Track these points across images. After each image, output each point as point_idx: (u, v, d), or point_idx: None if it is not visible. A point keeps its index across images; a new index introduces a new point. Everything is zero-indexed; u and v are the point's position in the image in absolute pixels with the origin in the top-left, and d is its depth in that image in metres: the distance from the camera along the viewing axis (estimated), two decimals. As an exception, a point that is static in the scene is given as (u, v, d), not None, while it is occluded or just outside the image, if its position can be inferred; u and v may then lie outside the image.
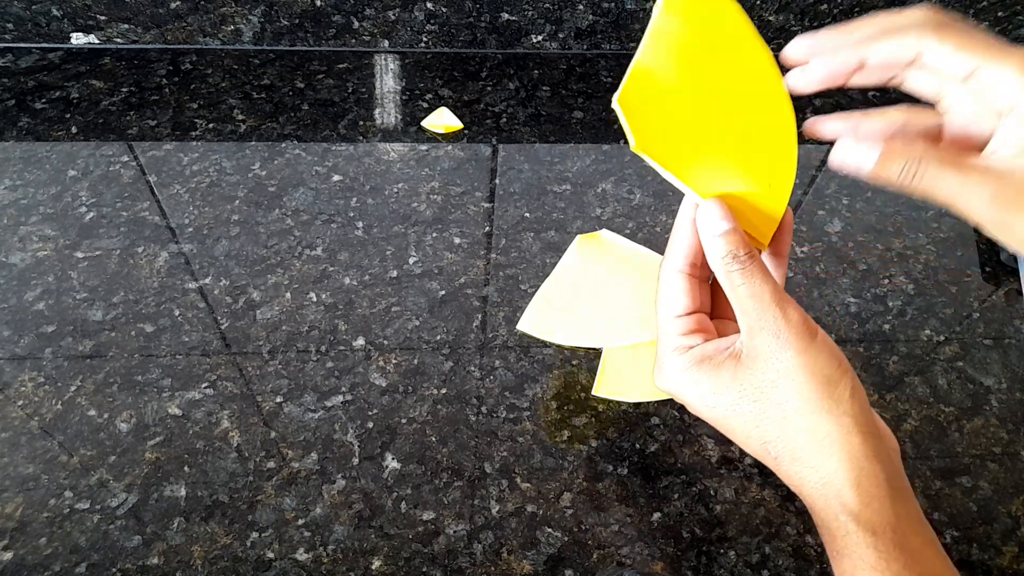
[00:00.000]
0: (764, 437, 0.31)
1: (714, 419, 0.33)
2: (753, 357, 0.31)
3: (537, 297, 0.52)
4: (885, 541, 0.29)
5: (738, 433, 0.32)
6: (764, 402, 0.31)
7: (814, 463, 0.30)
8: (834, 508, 0.30)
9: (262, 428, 0.45)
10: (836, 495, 0.30)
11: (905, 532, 0.29)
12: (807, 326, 0.31)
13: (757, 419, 0.31)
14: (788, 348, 0.30)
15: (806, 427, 0.30)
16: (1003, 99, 0.28)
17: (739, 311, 0.32)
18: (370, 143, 0.63)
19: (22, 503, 0.41)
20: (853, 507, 0.29)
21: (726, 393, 0.32)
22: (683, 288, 0.34)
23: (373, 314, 0.51)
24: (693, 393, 0.33)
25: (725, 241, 0.31)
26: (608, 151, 0.64)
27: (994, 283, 0.56)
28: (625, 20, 0.71)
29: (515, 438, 0.45)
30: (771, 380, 0.31)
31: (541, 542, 0.41)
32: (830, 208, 0.60)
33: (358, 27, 0.70)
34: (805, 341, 0.30)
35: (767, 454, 0.32)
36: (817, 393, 0.30)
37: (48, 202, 0.56)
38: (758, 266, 0.31)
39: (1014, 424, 0.47)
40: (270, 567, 0.39)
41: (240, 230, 0.56)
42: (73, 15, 0.67)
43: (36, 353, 0.47)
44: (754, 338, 0.31)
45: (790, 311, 0.31)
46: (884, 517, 0.29)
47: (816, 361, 0.30)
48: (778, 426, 0.31)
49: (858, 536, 0.29)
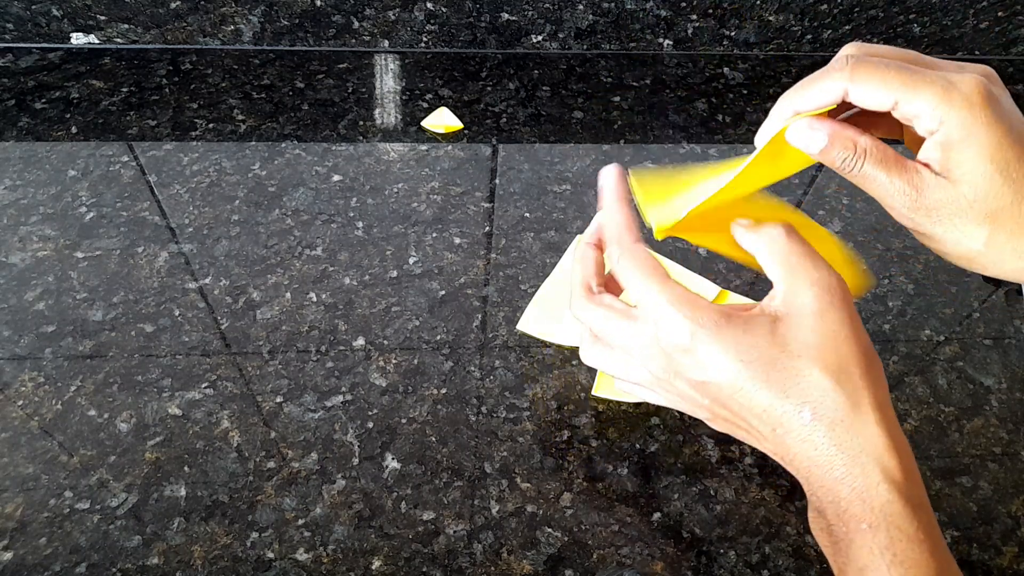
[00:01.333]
0: (803, 397, 0.29)
1: (736, 384, 0.30)
2: (797, 315, 0.30)
3: (537, 297, 0.52)
4: (922, 515, 0.28)
5: (763, 396, 0.30)
6: (807, 359, 0.29)
7: (855, 428, 0.29)
8: (872, 477, 0.28)
9: (262, 428, 0.45)
10: (876, 461, 0.28)
11: (931, 514, 0.29)
12: (850, 294, 0.31)
13: (796, 377, 0.29)
14: (838, 308, 0.30)
15: (849, 391, 0.29)
16: (922, 128, 0.29)
17: (782, 268, 0.31)
18: (370, 143, 0.63)
19: (22, 503, 0.41)
20: (895, 475, 0.28)
21: (763, 347, 0.30)
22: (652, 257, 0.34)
23: (373, 314, 0.51)
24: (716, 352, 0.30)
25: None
26: (608, 151, 0.64)
27: (994, 283, 0.56)
28: (625, 20, 0.71)
29: (515, 438, 0.45)
30: (820, 338, 0.29)
31: (541, 542, 0.41)
32: (830, 208, 0.60)
33: (358, 27, 0.70)
34: (851, 306, 0.31)
35: (793, 420, 0.30)
36: (864, 359, 0.30)
37: (48, 202, 0.56)
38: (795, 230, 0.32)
39: (1014, 424, 0.47)
40: (270, 567, 0.39)
41: (240, 230, 0.56)
42: (73, 15, 0.67)
43: (36, 353, 0.47)
44: (798, 295, 0.30)
45: (837, 275, 0.31)
46: (920, 492, 0.29)
47: (860, 328, 0.31)
48: (819, 387, 0.29)
49: (899, 504, 0.28)
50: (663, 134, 0.66)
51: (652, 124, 0.67)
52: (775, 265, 0.31)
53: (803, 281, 0.30)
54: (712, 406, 0.33)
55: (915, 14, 0.72)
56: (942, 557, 0.28)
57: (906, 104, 0.29)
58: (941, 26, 0.73)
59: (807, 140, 0.31)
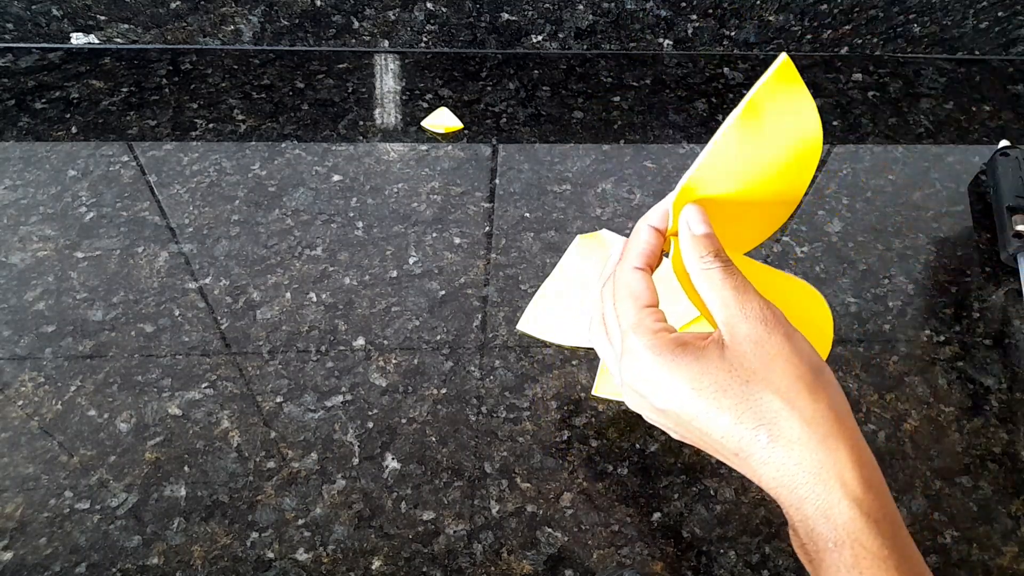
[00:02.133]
0: (757, 420, 0.30)
1: (691, 411, 0.31)
2: (740, 342, 0.31)
3: (537, 297, 0.52)
4: (885, 528, 0.28)
5: (720, 422, 0.31)
6: (756, 383, 0.30)
7: (812, 445, 0.29)
8: (834, 494, 0.29)
9: (262, 428, 0.45)
10: (837, 478, 0.29)
11: (898, 522, 0.29)
12: (786, 319, 0.32)
13: (748, 402, 0.30)
14: (776, 333, 0.31)
15: (801, 408, 0.30)
16: None
17: (719, 304, 0.32)
18: (370, 143, 0.63)
19: (22, 503, 0.41)
20: (856, 491, 0.28)
21: (714, 375, 0.31)
22: (648, 282, 0.35)
23: (373, 314, 0.51)
24: (672, 381, 0.32)
25: (709, 241, 0.34)
26: (608, 151, 0.64)
27: (994, 283, 0.56)
28: (625, 20, 0.71)
29: (515, 438, 0.45)
30: (763, 362, 0.30)
31: (541, 542, 0.41)
32: (830, 208, 0.60)
33: (358, 27, 0.70)
34: (789, 328, 0.32)
35: (752, 444, 0.30)
36: (810, 375, 0.30)
37: (48, 202, 0.56)
38: (733, 266, 0.33)
39: (1014, 424, 0.47)
40: (270, 567, 0.39)
41: (240, 230, 0.56)
42: (73, 15, 0.67)
43: (36, 353, 0.47)
44: (737, 327, 0.31)
45: (770, 305, 0.32)
46: (883, 504, 0.29)
47: (803, 346, 0.31)
48: (770, 408, 0.30)
49: (861, 522, 0.28)
50: (663, 134, 0.66)
51: (652, 124, 0.67)
52: (714, 299, 0.33)
53: (739, 314, 0.32)
54: (679, 430, 0.34)
55: (915, 14, 0.72)
56: (912, 571, 0.28)
57: None
58: (941, 26, 0.73)
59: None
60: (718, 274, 0.33)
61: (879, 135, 0.67)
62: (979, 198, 0.61)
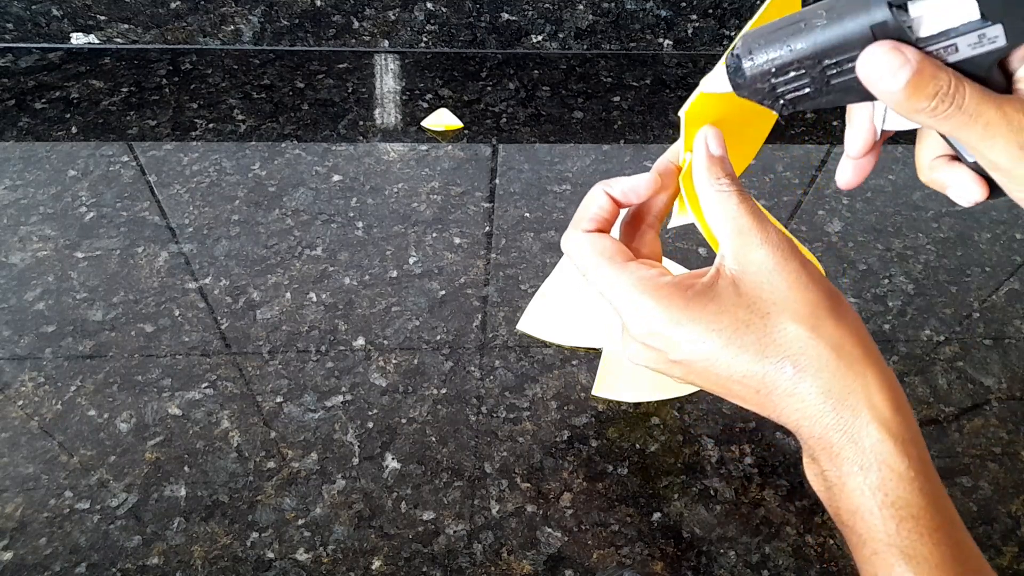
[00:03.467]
0: (781, 352, 0.29)
1: (711, 357, 0.30)
2: (754, 272, 0.30)
3: (537, 297, 0.52)
4: (912, 450, 0.28)
5: (741, 361, 0.29)
6: (777, 314, 0.29)
7: (840, 371, 0.28)
8: (862, 418, 0.28)
9: (262, 428, 0.45)
10: (865, 401, 0.28)
11: (921, 443, 0.29)
12: (798, 249, 0.31)
13: (771, 335, 0.29)
14: (793, 259, 0.30)
15: (827, 335, 0.29)
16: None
17: (732, 231, 0.31)
18: (370, 143, 0.63)
19: (22, 503, 0.41)
20: (885, 413, 0.28)
21: (732, 312, 0.29)
22: (610, 239, 0.33)
23: (373, 314, 0.51)
24: (688, 330, 0.30)
25: (723, 164, 0.32)
26: (608, 151, 0.64)
27: (994, 283, 0.56)
28: (625, 20, 0.71)
29: (515, 438, 0.45)
30: (782, 290, 0.29)
31: (541, 542, 0.41)
32: (830, 208, 0.60)
33: (358, 27, 0.70)
34: (803, 257, 0.30)
35: (776, 378, 0.29)
36: (831, 300, 0.30)
37: (48, 202, 0.56)
38: (747, 193, 0.32)
39: (1014, 424, 0.47)
40: (270, 567, 0.39)
41: (240, 230, 0.56)
42: (73, 15, 0.67)
43: (36, 353, 0.47)
44: (751, 254, 0.30)
45: (784, 233, 0.31)
46: (910, 424, 0.28)
47: (817, 274, 0.30)
48: (796, 337, 0.29)
49: (889, 444, 0.28)
50: (663, 134, 0.66)
51: (652, 124, 0.67)
52: (727, 225, 0.31)
53: (753, 240, 0.30)
54: (696, 379, 0.32)
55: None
56: (934, 492, 0.28)
57: None
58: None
59: (886, 69, 0.25)
60: (734, 198, 0.31)
61: (879, 135, 0.67)
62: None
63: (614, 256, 0.32)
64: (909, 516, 0.27)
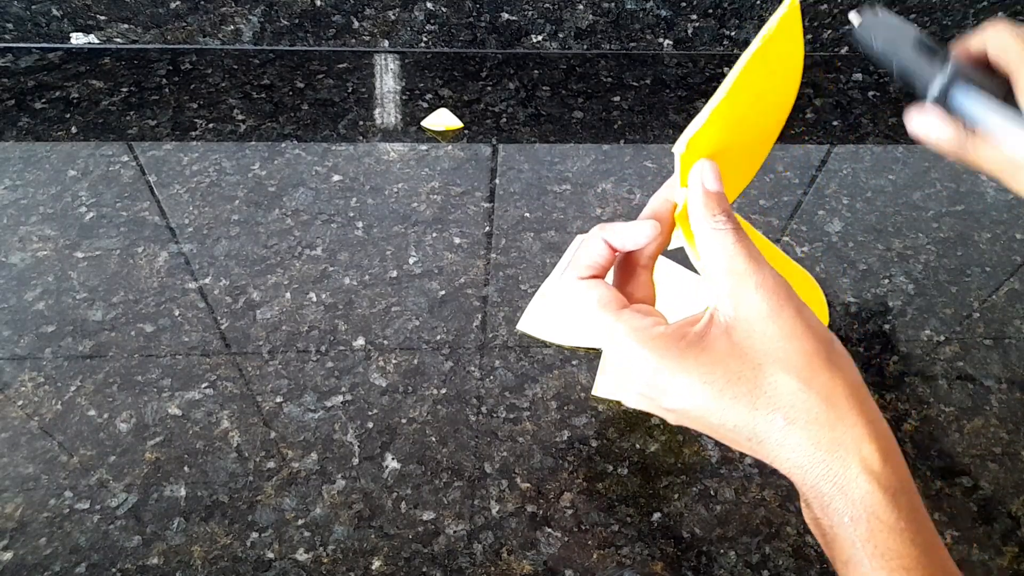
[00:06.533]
0: (772, 405, 0.29)
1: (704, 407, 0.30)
2: (747, 318, 0.30)
3: (537, 297, 0.52)
4: (902, 500, 0.28)
5: (733, 412, 0.30)
6: (769, 365, 0.29)
7: (830, 423, 0.28)
8: (852, 470, 0.28)
9: (262, 428, 0.45)
10: (855, 452, 0.28)
11: (913, 492, 0.29)
12: (794, 292, 0.31)
13: (762, 387, 0.29)
14: (788, 306, 0.30)
15: (819, 386, 0.29)
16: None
17: (725, 271, 0.30)
18: (370, 143, 0.63)
19: (22, 503, 0.41)
20: (874, 465, 0.28)
21: (724, 364, 0.30)
22: (606, 285, 0.33)
23: (373, 314, 0.51)
24: (681, 381, 0.30)
25: (720, 200, 0.32)
26: (608, 151, 0.64)
27: (994, 283, 0.56)
28: (625, 20, 0.71)
29: (515, 438, 0.45)
30: (775, 339, 0.29)
31: (541, 542, 0.41)
32: (830, 208, 0.60)
33: (358, 27, 0.70)
34: (799, 301, 0.30)
35: (767, 429, 0.29)
36: (824, 350, 0.29)
37: (48, 202, 0.56)
38: (744, 231, 0.31)
39: (1014, 424, 0.47)
40: (270, 567, 0.39)
41: (240, 230, 0.56)
42: (73, 15, 0.67)
43: (36, 353, 0.47)
44: (745, 299, 0.30)
45: (780, 276, 0.31)
46: (900, 475, 0.28)
47: (813, 320, 0.30)
48: (786, 390, 0.29)
49: (878, 495, 0.28)
50: (663, 134, 0.66)
51: (652, 124, 0.67)
52: (721, 265, 0.31)
53: (748, 283, 0.30)
54: (690, 424, 0.33)
55: (915, 14, 0.72)
56: (925, 542, 0.28)
57: None
58: (941, 26, 0.73)
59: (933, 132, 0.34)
60: (730, 236, 0.31)
61: (879, 135, 0.67)
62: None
63: (609, 304, 0.33)
64: (900, 568, 0.27)
